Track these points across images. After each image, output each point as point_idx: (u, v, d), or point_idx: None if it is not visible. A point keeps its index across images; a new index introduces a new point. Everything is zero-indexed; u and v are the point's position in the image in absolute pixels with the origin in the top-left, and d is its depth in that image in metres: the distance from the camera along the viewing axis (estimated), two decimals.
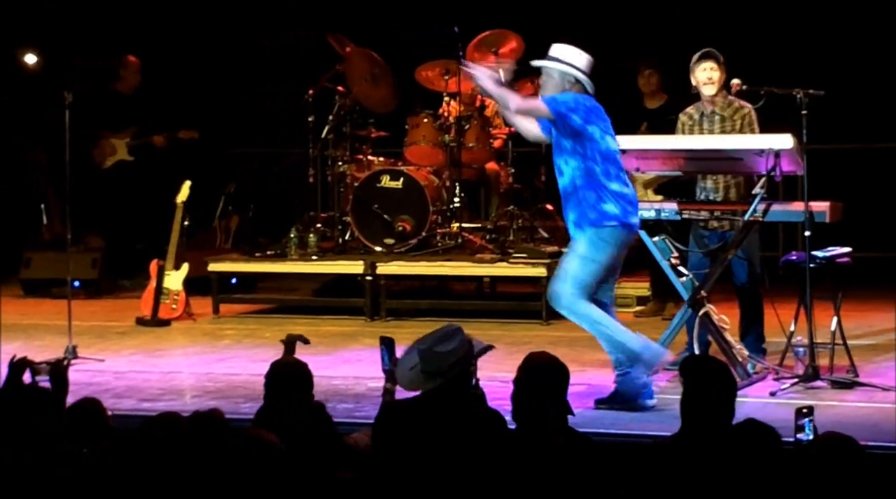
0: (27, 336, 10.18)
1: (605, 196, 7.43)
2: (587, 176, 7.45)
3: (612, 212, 7.42)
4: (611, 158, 7.48)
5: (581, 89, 7.55)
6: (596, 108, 7.52)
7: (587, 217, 7.45)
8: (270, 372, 5.88)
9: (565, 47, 7.68)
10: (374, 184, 11.24)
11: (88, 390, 8.12)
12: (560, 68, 7.59)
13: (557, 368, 5.35)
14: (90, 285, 12.13)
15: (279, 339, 6.78)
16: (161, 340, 10.23)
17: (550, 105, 7.42)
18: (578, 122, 7.39)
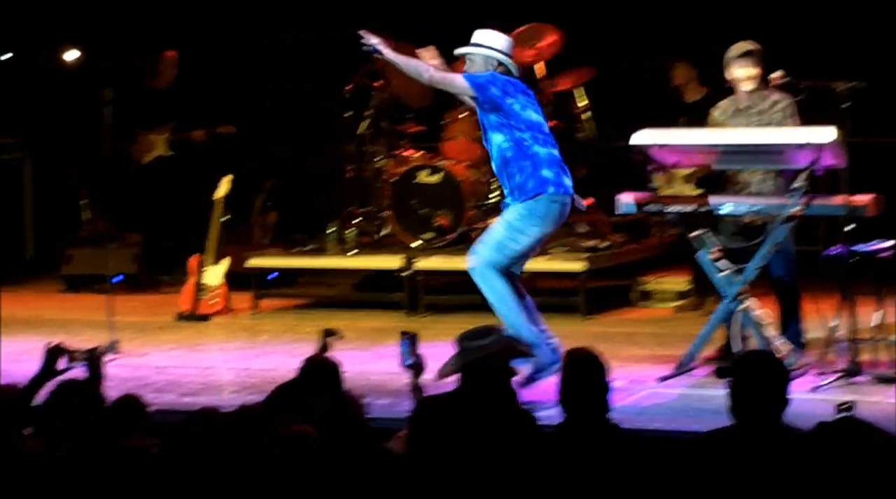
0: (68, 331, 10.21)
1: (539, 162, 7.56)
2: (517, 147, 7.60)
3: (549, 177, 7.55)
4: (535, 127, 7.62)
5: (504, 71, 7.72)
6: (515, 83, 7.65)
7: (526, 187, 7.57)
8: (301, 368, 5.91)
9: (487, 32, 7.86)
10: (412, 179, 11.24)
11: (129, 384, 8.15)
12: (483, 52, 7.76)
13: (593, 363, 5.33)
14: (131, 281, 12.18)
15: (317, 334, 6.79)
16: (201, 335, 10.27)
17: (469, 79, 7.56)
18: (497, 93, 7.53)
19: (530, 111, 7.65)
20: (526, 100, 7.66)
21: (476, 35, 7.88)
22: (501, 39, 7.83)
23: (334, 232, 11.36)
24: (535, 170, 7.56)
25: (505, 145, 7.64)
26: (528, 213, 7.56)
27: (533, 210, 7.56)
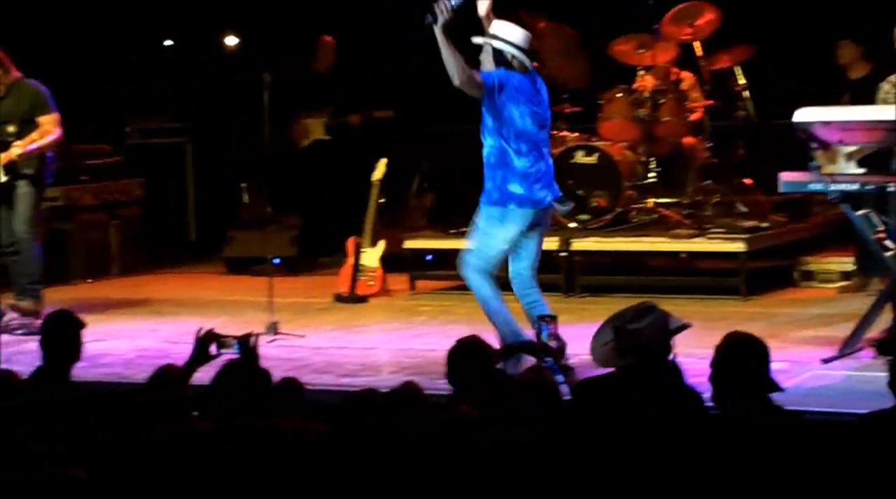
0: (230, 313, 10.38)
1: (512, 177, 7.82)
2: (500, 156, 7.85)
3: (516, 192, 7.83)
4: (525, 137, 7.81)
5: (519, 65, 7.86)
6: (524, 88, 7.81)
7: (491, 195, 7.91)
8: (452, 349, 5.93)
9: (503, 24, 7.94)
10: (568, 160, 11.19)
11: (289, 365, 8.26)
12: (497, 45, 7.88)
13: (755, 346, 5.26)
14: (290, 263, 12.32)
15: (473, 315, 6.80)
16: (359, 316, 10.35)
17: (486, 78, 7.72)
18: (501, 101, 7.73)
19: (528, 120, 7.82)
20: (529, 108, 7.83)
21: (494, 26, 7.96)
22: (518, 33, 7.91)
23: None
24: (505, 182, 7.86)
25: (491, 151, 7.92)
26: (493, 219, 7.92)
27: (498, 217, 7.90)
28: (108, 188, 12.76)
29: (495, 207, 7.91)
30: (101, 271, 12.36)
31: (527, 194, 7.87)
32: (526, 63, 7.91)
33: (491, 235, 7.95)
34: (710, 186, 11.23)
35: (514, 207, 7.87)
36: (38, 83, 9.97)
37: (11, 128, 9.86)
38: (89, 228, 12.35)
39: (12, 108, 9.88)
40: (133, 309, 10.71)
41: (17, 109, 9.88)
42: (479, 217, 8.01)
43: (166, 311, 10.56)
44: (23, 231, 9.92)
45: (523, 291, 8.11)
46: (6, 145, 9.82)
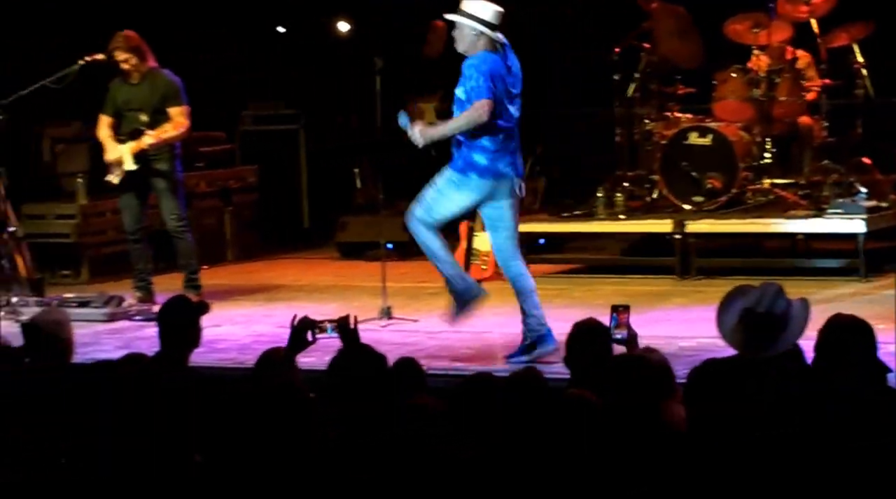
0: (344, 298, 10.43)
1: (478, 150, 8.06)
2: (469, 132, 8.04)
3: (479, 163, 8.07)
4: (498, 119, 8.02)
5: (488, 42, 8.08)
6: (495, 71, 8.03)
7: (456, 163, 8.15)
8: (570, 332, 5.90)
9: (474, 2, 8.11)
10: (682, 141, 11.09)
11: (403, 349, 8.26)
12: (468, 24, 8.09)
13: (860, 329, 5.15)
14: (403, 248, 12.34)
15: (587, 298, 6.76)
16: None
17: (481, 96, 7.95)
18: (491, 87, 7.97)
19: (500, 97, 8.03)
20: (501, 86, 8.05)
21: (464, 3, 8.14)
22: (489, 11, 8.10)
23: (603, 196, 11.29)
24: (470, 152, 8.08)
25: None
26: (452, 182, 8.17)
27: (457, 182, 8.16)
28: (222, 175, 12.89)
29: (457, 172, 8.16)
30: (216, 258, 12.48)
31: (489, 166, 8.09)
32: (496, 40, 8.12)
33: (445, 197, 8.21)
34: (827, 165, 11.07)
35: (475, 176, 8.11)
36: (171, 74, 10.08)
37: (144, 117, 9.98)
38: (204, 215, 12.48)
39: (146, 97, 9.99)
40: (247, 295, 10.81)
41: (150, 99, 9.99)
42: (439, 177, 8.25)
43: (280, 296, 10.64)
44: (175, 226, 10.06)
45: (507, 263, 8.37)
46: (138, 134, 9.95)
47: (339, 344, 6.38)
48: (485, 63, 8.07)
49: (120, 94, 10.06)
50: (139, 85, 10.02)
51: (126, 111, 10.06)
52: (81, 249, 11.80)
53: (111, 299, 9.95)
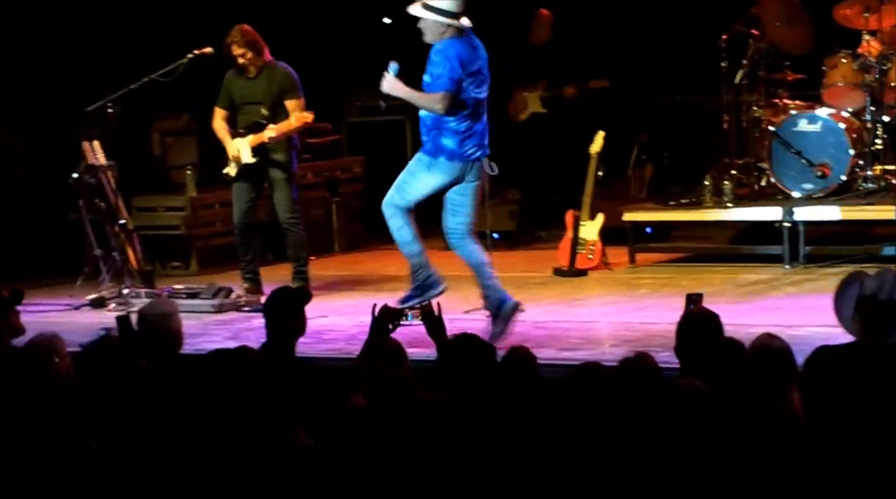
0: (450, 288, 10.40)
1: (447, 133, 8.31)
2: (436, 117, 8.31)
3: (448, 146, 8.32)
4: (464, 101, 8.28)
5: (455, 31, 8.32)
6: (462, 56, 8.26)
7: (426, 147, 8.40)
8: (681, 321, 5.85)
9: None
10: (791, 128, 10.97)
11: (509, 339, 8.27)
12: (432, 18, 8.33)
13: None
14: (509, 237, 12.34)
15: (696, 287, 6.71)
16: (578, 289, 10.31)
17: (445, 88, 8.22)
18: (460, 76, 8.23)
19: (465, 84, 8.26)
20: (469, 70, 8.27)
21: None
22: (451, 1, 8.31)
23: (711, 184, 11.20)
24: (439, 137, 8.33)
25: (429, 113, 8.38)
26: (422, 164, 8.43)
27: (427, 164, 8.40)
28: (329, 166, 12.96)
29: (428, 157, 8.41)
30: (323, 249, 12.55)
31: (457, 149, 8.34)
32: (460, 27, 8.33)
33: (416, 178, 8.46)
34: None
35: (444, 159, 8.36)
36: (287, 66, 10.13)
37: (263, 110, 10.04)
38: (311, 206, 12.55)
39: (264, 91, 10.06)
40: (354, 285, 10.86)
41: (268, 92, 10.05)
42: (413, 162, 8.52)
43: (387, 287, 10.67)
44: (287, 218, 10.12)
45: (459, 243, 8.64)
46: (259, 127, 10.01)
47: (422, 332, 6.41)
48: (452, 48, 8.30)
49: (236, 87, 10.12)
50: (256, 78, 10.07)
51: (244, 105, 10.11)
52: (191, 241, 11.93)
53: (220, 291, 10.05)
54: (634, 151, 12.81)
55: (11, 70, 12.48)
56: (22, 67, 12.51)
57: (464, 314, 9.26)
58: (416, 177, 8.49)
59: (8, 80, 12.50)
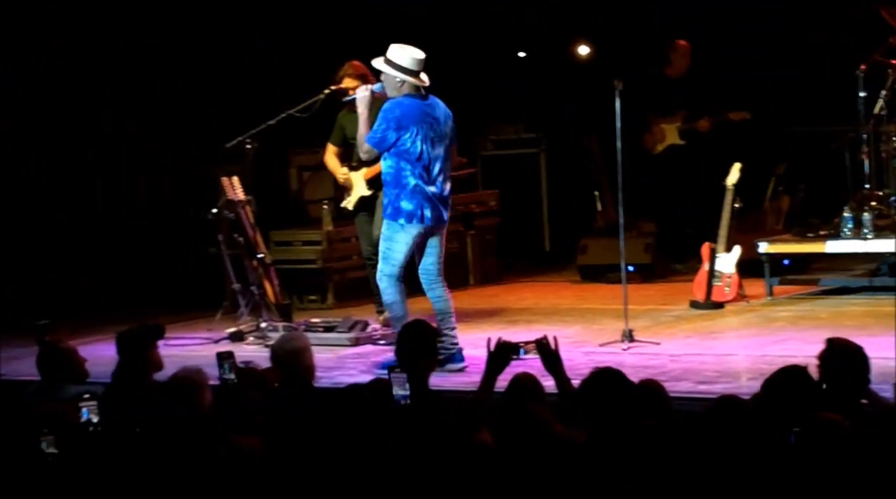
0: (585, 320, 10.42)
1: (404, 195, 8.75)
2: (396, 175, 8.76)
3: (406, 209, 8.76)
4: (418, 159, 8.74)
5: (410, 87, 8.78)
6: (407, 115, 8.72)
7: (386, 210, 8.85)
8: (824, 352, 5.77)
9: (397, 49, 8.82)
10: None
11: (645, 373, 8.20)
12: (391, 73, 8.80)
13: None
14: (644, 270, 12.27)
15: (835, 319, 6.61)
16: (715, 322, 10.21)
17: (371, 142, 8.79)
18: (392, 138, 8.73)
19: (420, 144, 8.74)
20: (419, 130, 8.73)
21: (389, 51, 8.84)
22: (409, 58, 8.79)
23: (850, 215, 11.03)
24: (398, 200, 8.78)
25: (388, 170, 8.82)
26: (392, 230, 8.85)
27: (395, 229, 8.83)
28: (464, 200, 13.00)
29: (391, 220, 8.83)
30: (458, 282, 12.58)
31: (415, 211, 8.77)
32: (417, 85, 8.78)
33: (394, 242, 8.83)
34: None
35: (404, 222, 8.80)
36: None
37: None
38: (447, 240, 12.58)
39: (372, 123, 10.14)
40: (489, 318, 10.87)
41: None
42: (381, 232, 8.93)
43: (521, 319, 10.68)
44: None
45: (431, 285, 8.97)
46: (368, 162, 10.10)
47: (539, 365, 6.39)
48: (398, 108, 8.76)
49: (348, 122, 10.23)
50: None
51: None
52: (327, 275, 12.04)
53: (356, 324, 10.12)
54: (771, 182, 12.66)
55: (151, 108, 12.75)
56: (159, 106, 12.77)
57: (599, 347, 9.23)
58: (393, 240, 8.85)
59: (143, 118, 12.77)
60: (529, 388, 6.04)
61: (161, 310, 10.85)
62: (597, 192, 12.99)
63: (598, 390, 5.46)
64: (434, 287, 8.95)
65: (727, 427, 4.99)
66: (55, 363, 7.12)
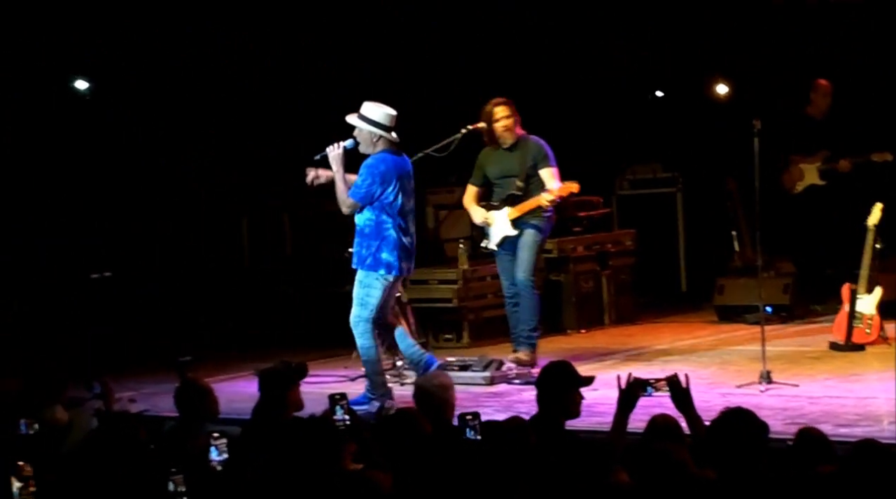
0: (722, 361, 10.33)
1: (384, 246, 9.20)
2: (376, 227, 9.20)
3: (385, 260, 9.21)
4: (399, 212, 9.21)
5: (386, 142, 9.19)
6: (390, 170, 9.15)
7: (365, 261, 9.24)
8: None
9: (371, 106, 9.23)
10: None
11: (784, 415, 8.13)
12: (367, 128, 9.19)
13: None
14: (782, 311, 12.12)
15: None
16: (855, 364, 10.05)
17: (356, 197, 9.17)
18: (377, 191, 9.15)
19: (400, 197, 9.20)
20: (399, 184, 9.18)
21: (364, 107, 9.24)
22: (383, 113, 9.20)
23: None
24: (379, 251, 9.21)
25: (367, 222, 9.23)
26: (371, 280, 9.25)
27: (374, 278, 9.23)
28: (599, 239, 12.97)
29: (370, 271, 9.23)
30: (593, 321, 12.55)
31: (395, 262, 9.22)
32: (393, 140, 9.19)
33: (373, 290, 9.23)
34: None
35: (384, 272, 9.23)
36: (539, 139, 10.29)
37: (519, 182, 10.19)
38: (582, 279, 12.57)
39: (519, 163, 10.23)
40: (625, 358, 10.81)
41: (523, 164, 10.21)
42: (357, 280, 9.30)
43: (658, 359, 10.60)
44: (524, 278, 10.20)
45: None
46: (515, 199, 10.17)
47: (669, 403, 6.33)
48: (383, 163, 9.16)
49: (491, 161, 10.31)
50: (512, 151, 10.25)
51: (500, 178, 10.30)
52: (463, 313, 12.07)
53: (491, 363, 10.13)
54: None
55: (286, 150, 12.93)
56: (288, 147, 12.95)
57: (736, 388, 9.14)
58: (370, 287, 9.25)
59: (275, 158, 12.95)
60: (668, 429, 5.99)
61: (298, 347, 10.96)
62: (734, 231, 12.87)
63: (728, 429, 5.42)
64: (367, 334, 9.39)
65: (868, 472, 4.91)
66: (192, 401, 7.21)
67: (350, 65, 13.16)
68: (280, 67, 13.05)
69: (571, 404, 6.65)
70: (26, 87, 12.02)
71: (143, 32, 12.43)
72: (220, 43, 12.80)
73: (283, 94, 13.19)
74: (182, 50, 12.65)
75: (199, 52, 12.68)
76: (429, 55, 13.35)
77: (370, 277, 9.25)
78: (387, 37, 13.36)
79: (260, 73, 12.81)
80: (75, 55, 12.08)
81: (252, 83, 12.48)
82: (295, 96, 13.20)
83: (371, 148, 9.24)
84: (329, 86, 12.98)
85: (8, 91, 11.88)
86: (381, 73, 13.17)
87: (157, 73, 12.47)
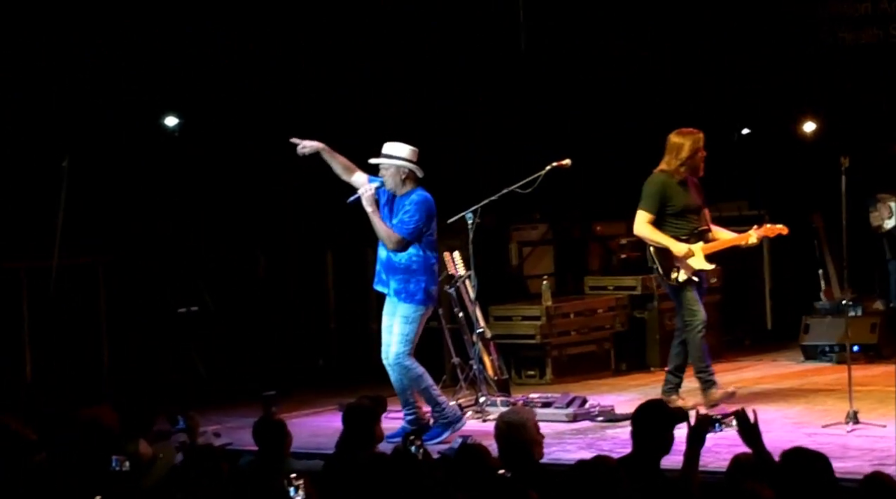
0: (808, 400, 10.23)
1: (430, 281, 9.40)
2: (424, 263, 9.36)
3: (432, 293, 9.45)
4: (432, 243, 9.40)
5: (414, 177, 9.33)
6: (433, 207, 9.34)
7: (414, 296, 9.36)
8: None
9: (395, 145, 9.34)
10: None
11: (871, 456, 8.04)
12: (396, 164, 9.29)
13: None
14: (870, 350, 11.99)
15: None
16: None
17: (411, 236, 9.29)
18: (424, 231, 9.30)
19: (435, 233, 9.43)
20: (435, 219, 9.39)
21: (386, 147, 9.35)
22: (408, 150, 9.34)
23: None
24: (429, 285, 9.40)
25: (414, 258, 9.35)
26: (417, 314, 9.37)
27: (422, 312, 9.39)
28: None
29: (420, 305, 9.37)
30: None
31: (431, 295, 9.46)
32: (419, 173, 9.31)
33: (416, 325, 9.38)
34: None
35: (431, 305, 9.48)
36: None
37: (698, 217, 10.23)
38: (667, 316, 12.50)
39: (698, 198, 10.25)
40: None
41: (701, 199, 10.28)
42: (399, 313, 9.40)
43: (742, 399, 10.50)
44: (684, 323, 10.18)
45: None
46: (702, 234, 10.13)
47: (737, 439, 6.28)
48: (427, 202, 9.33)
49: (676, 193, 10.16)
50: (688, 186, 10.18)
51: (686, 212, 10.17)
52: (546, 350, 12.05)
53: (574, 400, 10.10)
54: None
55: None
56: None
57: (822, 428, 9.04)
58: (411, 322, 9.38)
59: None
60: (750, 468, 5.94)
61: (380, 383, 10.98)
62: (821, 270, 12.77)
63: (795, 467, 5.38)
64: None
65: None
66: (269, 436, 7.24)
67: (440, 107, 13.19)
68: (376, 102, 13.09)
69: (667, 442, 6.61)
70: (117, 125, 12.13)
71: (230, 68, 12.54)
72: (304, 78, 12.87)
73: (367, 131, 13.25)
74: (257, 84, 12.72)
75: (279, 88, 12.76)
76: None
77: (417, 313, 9.40)
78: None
79: (352, 109, 12.86)
80: (166, 92, 12.21)
81: (339, 119, 12.54)
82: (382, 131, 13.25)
83: (399, 186, 9.35)
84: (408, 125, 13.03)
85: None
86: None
87: (241, 108, 12.55)
